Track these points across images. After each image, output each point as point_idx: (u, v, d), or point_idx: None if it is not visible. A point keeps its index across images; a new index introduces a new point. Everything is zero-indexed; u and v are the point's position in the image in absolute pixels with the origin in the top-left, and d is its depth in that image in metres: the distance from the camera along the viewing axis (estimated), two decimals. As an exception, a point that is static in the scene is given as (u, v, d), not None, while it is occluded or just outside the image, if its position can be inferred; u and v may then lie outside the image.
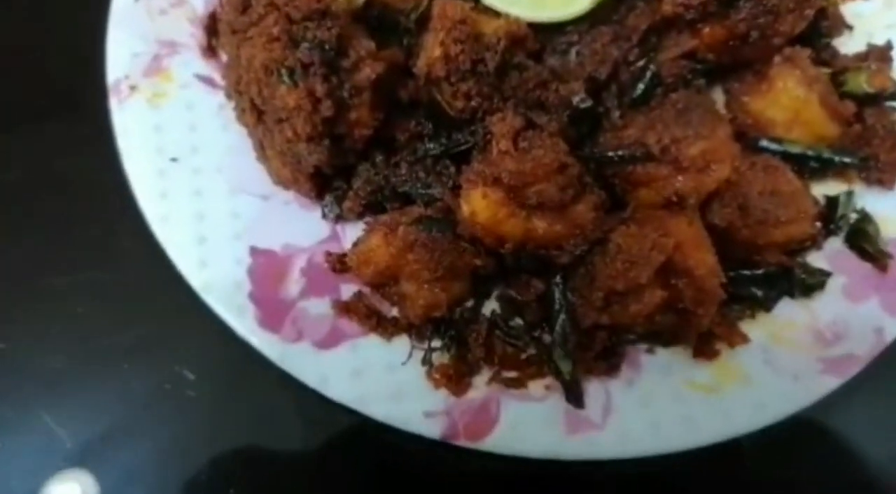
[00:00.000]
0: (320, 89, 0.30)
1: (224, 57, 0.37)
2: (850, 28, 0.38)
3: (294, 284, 0.33)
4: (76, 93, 0.37)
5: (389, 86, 0.32)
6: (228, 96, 0.35)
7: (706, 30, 0.32)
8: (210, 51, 0.37)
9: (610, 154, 0.31)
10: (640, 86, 0.32)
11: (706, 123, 0.31)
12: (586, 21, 0.33)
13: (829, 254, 0.34)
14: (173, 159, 0.34)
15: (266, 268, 0.33)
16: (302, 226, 0.34)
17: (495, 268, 0.32)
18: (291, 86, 0.30)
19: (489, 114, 0.32)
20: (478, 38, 0.32)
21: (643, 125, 0.32)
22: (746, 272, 0.31)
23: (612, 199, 0.32)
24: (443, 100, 0.33)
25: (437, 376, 0.31)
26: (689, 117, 0.31)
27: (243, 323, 0.31)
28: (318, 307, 0.32)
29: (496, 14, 0.34)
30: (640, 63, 0.33)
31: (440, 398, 0.30)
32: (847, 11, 0.40)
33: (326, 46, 0.30)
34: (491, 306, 0.33)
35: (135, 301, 0.35)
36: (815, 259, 0.34)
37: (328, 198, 0.34)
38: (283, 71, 0.30)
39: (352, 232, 0.34)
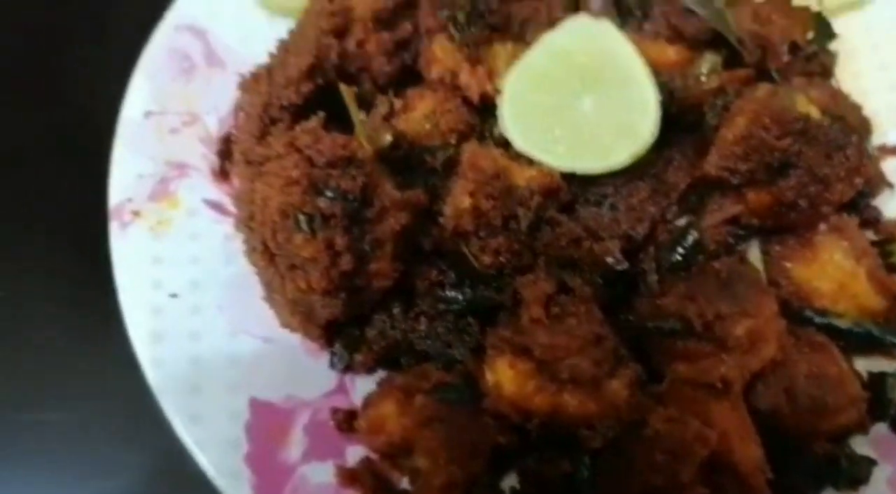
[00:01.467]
0: (340, 242, 0.28)
1: (236, 181, 0.36)
2: (891, 186, 0.38)
3: (295, 445, 0.31)
4: (80, 216, 0.36)
5: (413, 234, 0.30)
6: (238, 227, 0.34)
7: (751, 194, 0.31)
8: (222, 175, 0.35)
9: (648, 324, 0.29)
10: (681, 251, 0.31)
11: (752, 299, 0.30)
12: (624, 174, 0.32)
13: (875, 439, 0.32)
14: (172, 295, 0.32)
15: (265, 425, 0.31)
16: (307, 376, 0.33)
17: (518, 442, 0.30)
18: (309, 236, 0.28)
19: (518, 273, 0.31)
20: (510, 191, 0.31)
21: (683, 294, 0.30)
22: (790, 460, 0.29)
23: (647, 370, 0.30)
24: (469, 253, 0.31)
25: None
26: (733, 290, 0.30)
27: (238, 490, 0.28)
28: (321, 473, 0.31)
29: (528, 161, 0.33)
30: (681, 222, 0.32)
31: None
32: (887, 168, 0.40)
33: (350, 197, 0.28)
34: (510, 481, 0.31)
35: (121, 447, 0.33)
36: (860, 443, 0.33)
37: (338, 347, 0.32)
38: (302, 218, 0.29)
39: (362, 384, 0.33)
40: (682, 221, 0.32)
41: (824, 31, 0.40)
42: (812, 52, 0.37)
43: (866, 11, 0.41)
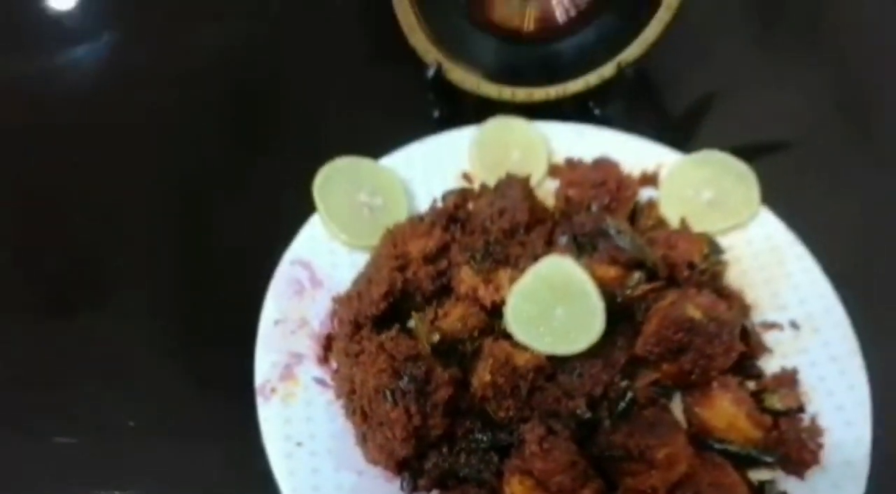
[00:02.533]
0: (413, 408, 0.44)
1: (333, 364, 0.53)
2: (770, 351, 0.54)
3: None
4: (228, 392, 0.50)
5: (455, 400, 0.47)
6: (338, 396, 0.50)
7: (665, 366, 0.48)
8: (325, 360, 0.52)
9: (605, 454, 0.45)
10: (623, 404, 0.47)
11: (669, 434, 0.44)
12: (585, 354, 0.49)
13: None
14: (298, 443, 0.47)
15: None
16: None
17: None
18: (393, 405, 0.44)
19: (522, 422, 0.46)
20: (514, 369, 0.47)
21: (626, 432, 0.44)
22: None
23: (608, 484, 0.45)
24: (490, 410, 0.48)
25: None
26: (656, 429, 0.45)
27: None
28: None
29: (524, 348, 0.49)
30: (623, 385, 0.48)
31: None
32: (768, 338, 0.54)
33: (418, 379, 0.45)
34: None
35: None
36: None
37: (407, 475, 0.47)
38: (388, 393, 0.44)
39: None
40: (623, 384, 0.46)
41: (715, 249, 0.57)
42: (703, 268, 0.51)
43: (747, 229, 0.56)
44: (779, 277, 0.55)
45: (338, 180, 0.56)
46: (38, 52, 0.72)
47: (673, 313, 0.46)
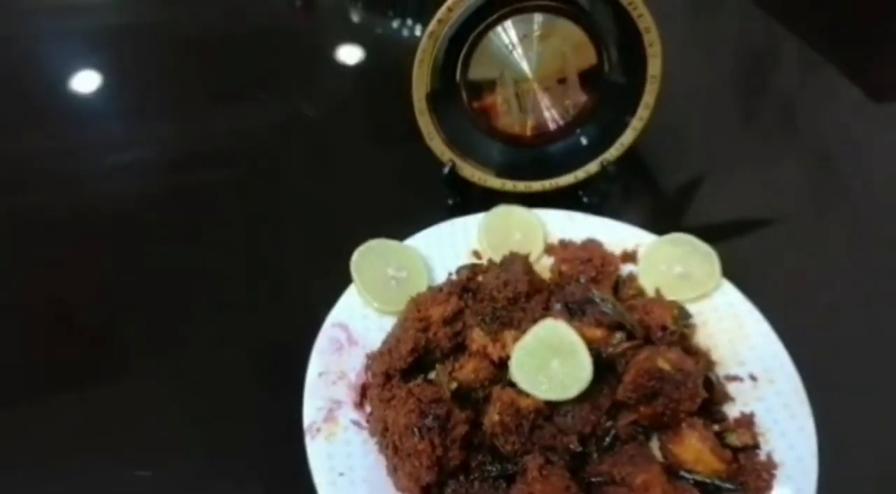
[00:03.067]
0: (437, 441, 0.53)
1: (367, 408, 0.63)
2: (732, 399, 0.65)
3: None
4: (281, 431, 0.59)
5: (469, 436, 0.57)
6: (372, 434, 0.60)
7: (641, 409, 0.58)
8: (360, 406, 0.61)
9: (593, 480, 0.55)
10: (608, 440, 0.56)
11: (645, 464, 0.54)
12: (576, 399, 0.59)
13: None
14: (340, 474, 0.56)
15: None
16: None
17: None
18: (420, 439, 0.54)
19: (524, 454, 0.55)
20: (518, 411, 0.57)
21: (610, 463, 0.52)
22: None
23: None
24: (498, 444, 0.57)
25: None
26: (635, 460, 0.54)
27: None
28: None
29: (526, 395, 0.59)
30: (608, 425, 0.58)
31: None
32: (731, 388, 0.66)
33: (441, 418, 0.55)
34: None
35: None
36: None
37: None
38: (416, 430, 0.55)
39: None
40: (608, 424, 0.54)
41: (684, 315, 0.67)
42: (673, 329, 0.63)
43: (712, 298, 0.66)
44: (739, 338, 0.64)
45: (370, 257, 0.68)
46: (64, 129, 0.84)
47: (647, 365, 0.56)
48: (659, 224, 0.73)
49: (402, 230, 0.71)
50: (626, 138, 0.73)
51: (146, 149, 0.83)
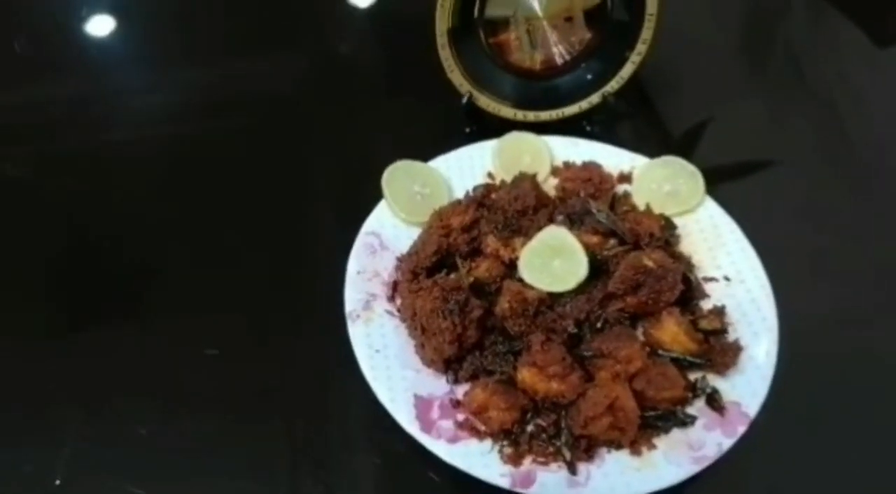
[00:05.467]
0: (457, 321, 0.62)
1: (397, 301, 0.74)
2: (708, 295, 0.72)
3: (435, 412, 0.64)
4: (328, 318, 0.70)
5: (485, 319, 0.67)
6: (402, 320, 0.71)
7: (628, 299, 0.68)
8: (392, 299, 0.70)
9: (585, 354, 0.66)
10: (599, 324, 0.67)
11: (628, 341, 0.64)
12: (573, 291, 0.68)
13: (697, 409, 0.60)
14: (377, 350, 0.64)
15: (422, 404, 0.65)
16: (437, 385, 0.61)
17: (533, 406, 0.65)
18: (444, 320, 0.64)
19: (529, 334, 0.67)
20: (525, 300, 0.68)
21: (600, 341, 0.62)
22: (651, 413, 0.60)
23: (587, 374, 0.62)
24: (508, 327, 0.68)
25: (506, 458, 0.61)
26: (621, 338, 0.63)
27: (413, 429, 0.63)
28: (448, 424, 0.59)
29: (531, 287, 0.68)
30: (599, 312, 0.70)
31: (507, 468, 0.59)
32: (708, 287, 0.76)
33: (461, 303, 0.65)
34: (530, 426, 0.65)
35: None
36: (690, 410, 0.60)
37: (450, 373, 0.62)
38: (440, 313, 0.65)
39: (460, 389, 0.61)
40: (599, 312, 0.62)
41: (670, 226, 0.76)
42: (659, 236, 0.72)
43: (696, 213, 0.73)
44: (717, 246, 0.71)
45: (398, 176, 0.78)
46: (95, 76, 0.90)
47: (634, 262, 0.66)
48: (654, 149, 0.82)
49: (427, 153, 0.80)
50: (626, 72, 0.82)
51: (164, 96, 0.89)
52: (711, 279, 0.72)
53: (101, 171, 0.81)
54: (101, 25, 0.96)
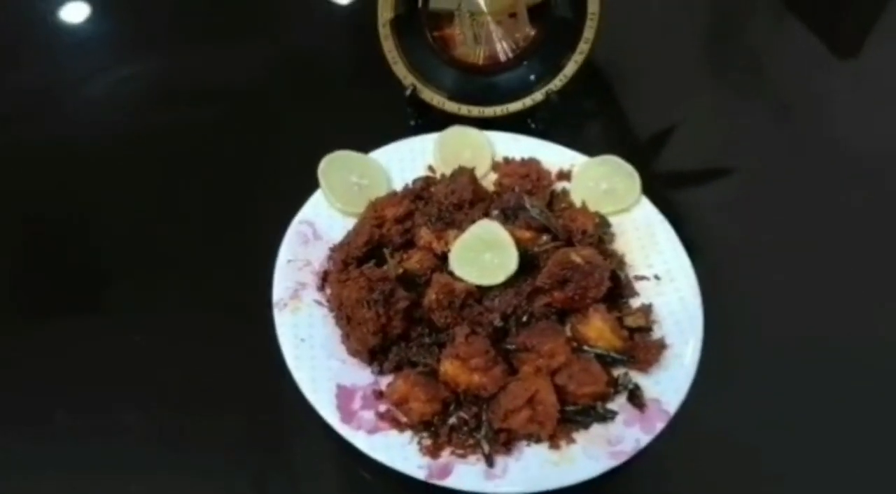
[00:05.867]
0: (381, 312, 0.63)
1: (327, 291, 0.73)
2: (637, 294, 0.75)
3: (357, 402, 0.64)
4: (250, 306, 0.70)
5: (411, 311, 0.67)
6: (330, 309, 0.70)
7: (555, 294, 0.68)
8: (321, 289, 0.70)
9: (509, 347, 0.66)
10: (525, 318, 0.67)
11: (554, 335, 0.65)
12: (502, 285, 0.69)
13: (618, 404, 0.60)
14: (302, 339, 0.65)
15: (344, 394, 0.65)
16: (361, 375, 0.61)
17: (455, 399, 0.65)
18: (368, 310, 0.64)
19: (455, 326, 0.67)
20: (452, 292, 0.68)
21: (525, 336, 0.62)
22: (571, 407, 0.61)
23: (510, 368, 0.62)
24: (434, 319, 0.68)
25: (424, 449, 0.61)
26: (546, 333, 0.64)
27: (332, 420, 0.63)
28: (369, 415, 0.60)
29: (461, 280, 0.69)
30: (526, 306, 0.70)
31: (425, 460, 0.60)
32: (639, 285, 0.77)
33: (386, 294, 0.65)
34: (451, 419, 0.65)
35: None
36: (611, 405, 0.61)
37: (375, 363, 0.63)
38: (366, 303, 0.65)
39: (384, 380, 0.61)
40: (526, 306, 0.66)
41: (604, 223, 0.77)
42: (591, 233, 0.75)
43: (631, 212, 0.74)
44: (650, 245, 0.72)
45: (336, 165, 0.78)
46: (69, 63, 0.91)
47: (561, 257, 0.67)
48: (597, 148, 0.82)
49: (367, 144, 0.81)
50: (569, 70, 0.82)
51: (133, 82, 0.90)
52: (643, 277, 0.73)
53: (59, 160, 0.80)
54: (64, 13, 0.95)
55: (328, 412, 0.59)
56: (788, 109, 0.89)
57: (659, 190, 0.78)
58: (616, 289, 0.70)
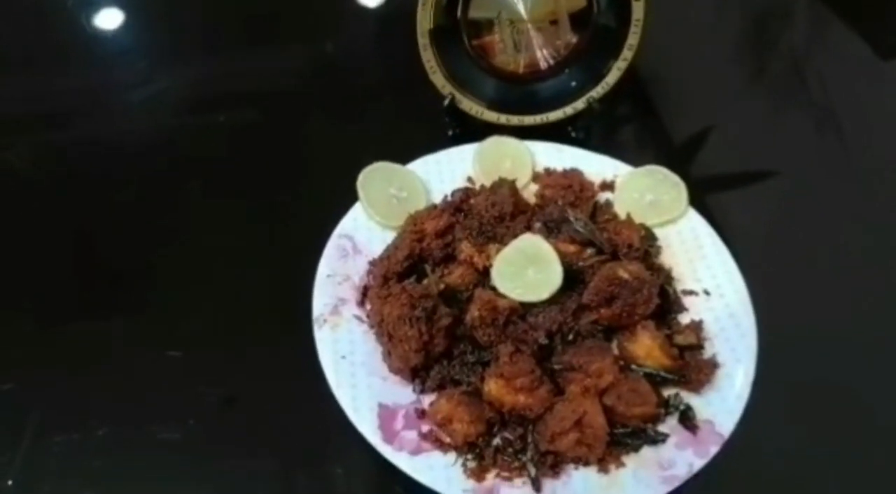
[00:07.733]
0: (424, 329, 0.61)
1: (367, 306, 0.72)
2: (686, 309, 0.71)
3: (399, 422, 0.63)
4: (289, 321, 0.69)
5: (453, 328, 0.66)
6: (370, 326, 0.69)
7: (602, 311, 0.67)
8: (361, 304, 0.70)
9: (555, 367, 0.64)
10: (571, 336, 0.66)
11: (601, 354, 0.63)
12: (547, 301, 0.67)
13: (669, 426, 0.59)
14: (342, 357, 0.63)
15: (386, 414, 0.64)
16: (403, 394, 0.61)
17: (499, 419, 0.63)
18: (411, 328, 0.63)
19: (499, 344, 0.65)
20: (496, 309, 0.66)
21: (571, 354, 0.61)
22: (620, 429, 0.59)
23: (556, 388, 0.62)
24: (477, 336, 0.66)
25: (469, 472, 0.60)
26: (593, 352, 0.62)
27: (374, 439, 0.62)
28: (411, 435, 0.58)
29: (504, 297, 0.68)
30: (572, 324, 0.68)
31: (470, 483, 0.58)
32: (687, 300, 0.73)
33: (428, 310, 0.64)
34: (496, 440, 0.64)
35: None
36: (662, 427, 0.59)
37: (416, 382, 0.62)
38: (407, 319, 0.64)
39: (426, 399, 0.60)
40: (572, 324, 0.62)
41: (650, 236, 0.75)
42: (637, 247, 0.71)
43: (677, 224, 0.72)
44: (698, 258, 0.70)
45: (374, 178, 0.76)
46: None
47: (608, 273, 0.65)
48: (640, 158, 0.80)
49: (406, 156, 0.79)
50: (612, 78, 0.80)
51: (172, 91, 0.91)
52: (691, 292, 0.71)
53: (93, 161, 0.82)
54: (101, 19, 0.96)
55: (370, 432, 0.58)
56: (833, 114, 0.85)
57: (704, 200, 0.76)
58: (664, 305, 0.68)
